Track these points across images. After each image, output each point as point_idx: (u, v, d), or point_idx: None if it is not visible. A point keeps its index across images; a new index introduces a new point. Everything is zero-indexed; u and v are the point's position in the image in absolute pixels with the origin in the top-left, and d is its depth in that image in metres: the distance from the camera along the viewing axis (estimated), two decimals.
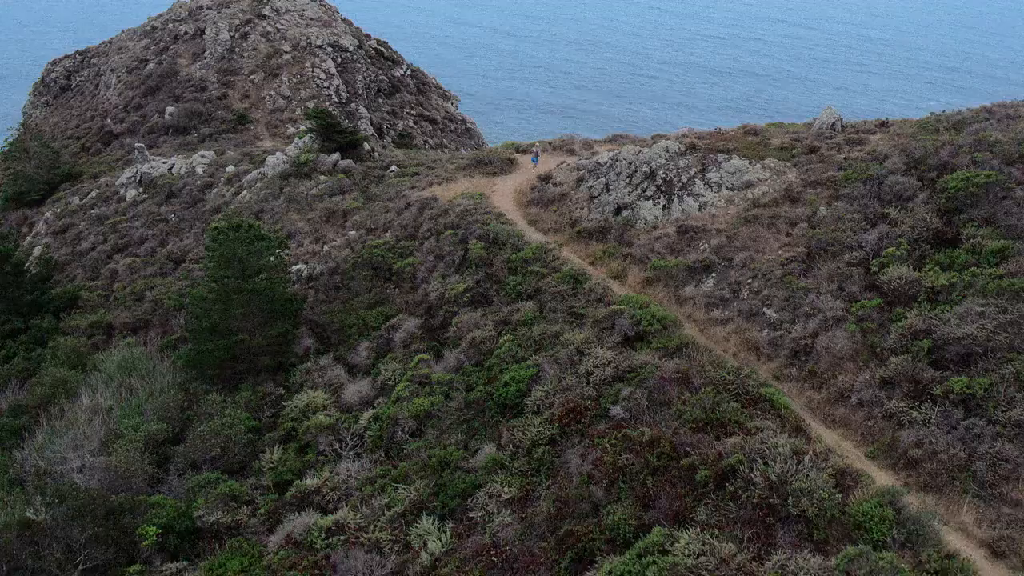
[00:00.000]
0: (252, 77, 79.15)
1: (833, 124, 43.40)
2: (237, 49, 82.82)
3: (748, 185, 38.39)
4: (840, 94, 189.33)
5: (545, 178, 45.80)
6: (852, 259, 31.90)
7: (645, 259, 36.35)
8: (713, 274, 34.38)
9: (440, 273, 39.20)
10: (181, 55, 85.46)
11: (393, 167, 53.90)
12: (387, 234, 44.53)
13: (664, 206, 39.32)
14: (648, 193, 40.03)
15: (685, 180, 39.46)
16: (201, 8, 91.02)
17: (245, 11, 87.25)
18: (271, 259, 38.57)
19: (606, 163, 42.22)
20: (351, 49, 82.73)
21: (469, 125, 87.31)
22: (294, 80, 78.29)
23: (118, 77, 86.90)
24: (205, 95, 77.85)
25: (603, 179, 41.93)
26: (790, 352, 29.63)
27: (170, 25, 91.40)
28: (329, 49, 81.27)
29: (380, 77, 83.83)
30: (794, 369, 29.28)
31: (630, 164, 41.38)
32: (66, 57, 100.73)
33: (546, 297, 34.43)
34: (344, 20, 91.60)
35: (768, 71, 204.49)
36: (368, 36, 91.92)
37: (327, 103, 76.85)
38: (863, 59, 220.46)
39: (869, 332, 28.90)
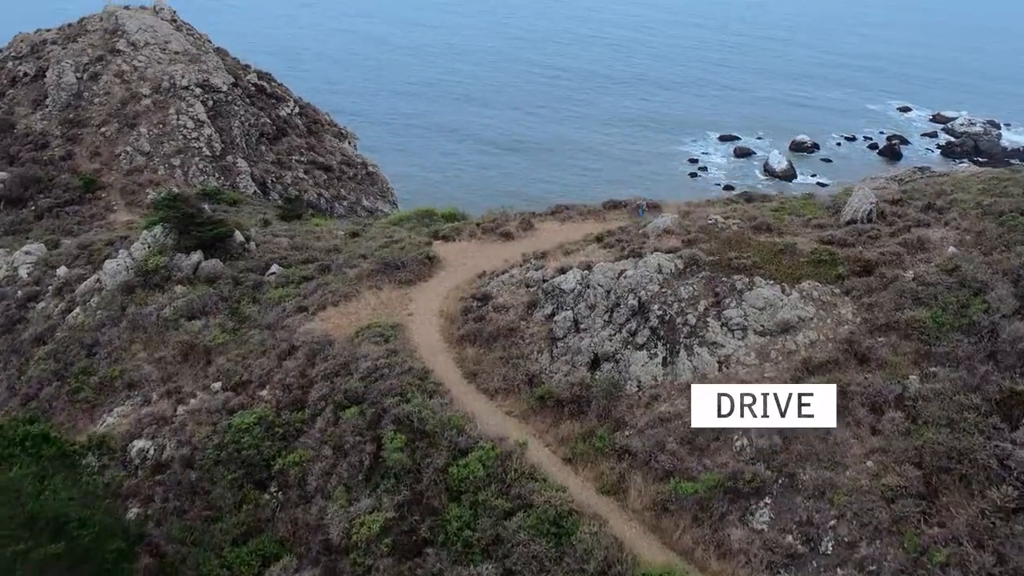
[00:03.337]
0: (104, 129, 63.21)
1: (869, 212, 30.89)
2: (86, 94, 66.63)
3: (786, 328, 25.51)
4: (735, 95, 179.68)
5: (482, 298, 32.24)
6: (1004, 497, 19.18)
7: (651, 461, 23.17)
8: (767, 500, 21.41)
9: (343, 482, 25.33)
10: (20, 102, 68.76)
11: (274, 268, 39.54)
12: (264, 393, 30.39)
13: (665, 359, 26.20)
14: (640, 339, 26.83)
15: (693, 320, 26.37)
16: (45, 43, 74.16)
17: (96, 46, 70.90)
18: (85, 495, 24.19)
19: (572, 290, 28.83)
20: (225, 88, 67.37)
21: (371, 168, 72.94)
22: (155, 131, 62.69)
23: None
24: (46, 154, 61.69)
25: (569, 312, 28.57)
26: None
27: (9, 64, 74.24)
28: (198, 90, 65.79)
29: (262, 119, 68.74)
30: None
31: (608, 292, 28.13)
32: None
33: (514, 560, 20.89)
34: (217, 51, 76.05)
35: (663, 75, 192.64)
36: (247, 68, 76.58)
37: (197, 158, 61.72)
38: (763, 62, 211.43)
39: None
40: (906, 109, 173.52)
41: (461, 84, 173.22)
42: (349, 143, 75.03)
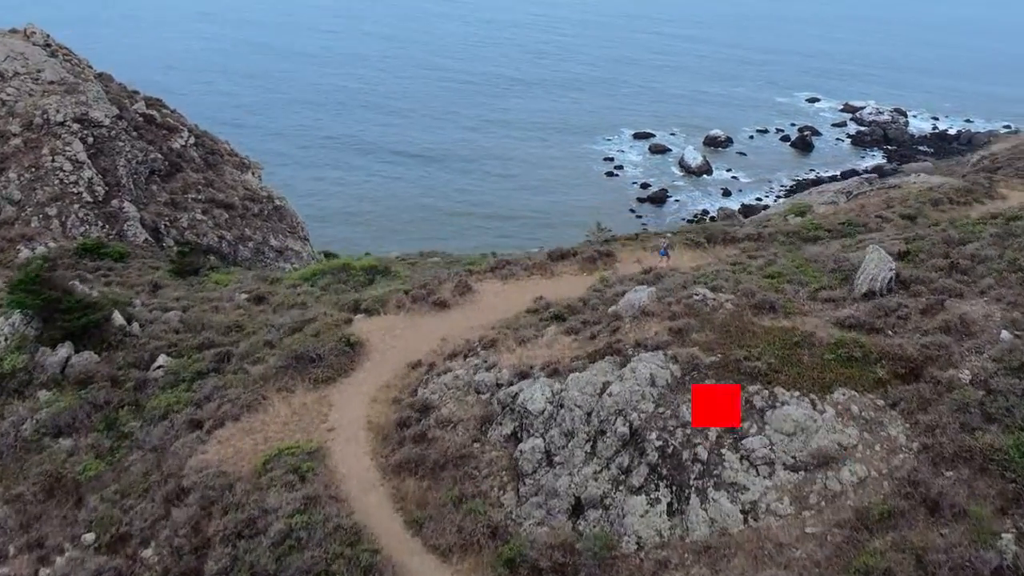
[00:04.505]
0: None
1: (890, 281, 24.97)
2: None
3: (825, 460, 19.26)
4: (645, 92, 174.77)
5: (422, 408, 25.28)
6: None
7: None
8: None
9: None
10: None
11: (161, 360, 31.81)
12: (148, 555, 23.02)
13: (672, 507, 19.70)
14: (635, 478, 20.27)
15: (704, 453, 19.93)
16: None
17: None
18: None
19: (542, 411, 22.12)
20: (108, 122, 58.45)
21: (277, 202, 64.74)
22: (27, 176, 53.57)
23: None
24: None
25: (539, 440, 21.86)
26: None
27: None
28: (76, 126, 56.78)
29: (152, 155, 59.96)
30: None
31: (588, 415, 21.49)
32: None
33: None
34: (100, 77, 66.74)
35: (571, 76, 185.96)
36: (134, 95, 67.40)
37: (76, 205, 52.97)
38: (671, 59, 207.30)
39: None
40: (814, 100, 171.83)
41: (365, 92, 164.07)
42: (253, 174, 66.71)
